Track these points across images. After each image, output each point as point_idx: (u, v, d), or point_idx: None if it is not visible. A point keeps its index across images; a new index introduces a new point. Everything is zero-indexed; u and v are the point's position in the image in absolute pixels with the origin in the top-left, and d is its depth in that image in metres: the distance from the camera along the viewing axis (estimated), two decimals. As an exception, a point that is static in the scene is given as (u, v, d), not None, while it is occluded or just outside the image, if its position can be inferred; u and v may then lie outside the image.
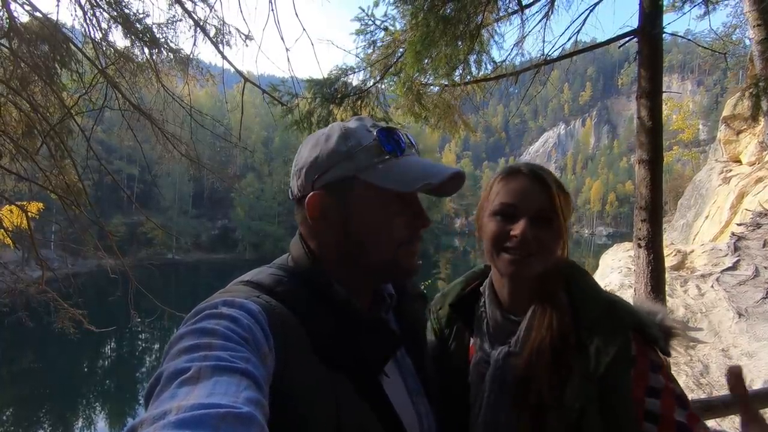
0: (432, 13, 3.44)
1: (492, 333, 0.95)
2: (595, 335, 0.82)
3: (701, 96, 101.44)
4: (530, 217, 0.87)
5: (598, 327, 0.83)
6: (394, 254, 0.75)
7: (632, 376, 0.79)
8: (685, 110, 32.51)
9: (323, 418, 0.62)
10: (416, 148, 0.81)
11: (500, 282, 0.96)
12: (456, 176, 0.75)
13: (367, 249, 0.74)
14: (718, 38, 6.23)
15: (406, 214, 0.75)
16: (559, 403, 0.80)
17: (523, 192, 0.89)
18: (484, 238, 0.94)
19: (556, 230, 0.89)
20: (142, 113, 4.26)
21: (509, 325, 0.92)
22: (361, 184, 0.73)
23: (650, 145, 3.32)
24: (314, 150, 0.77)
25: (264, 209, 44.88)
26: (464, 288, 1.06)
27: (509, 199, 0.89)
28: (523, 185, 0.90)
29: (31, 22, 3.71)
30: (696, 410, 0.81)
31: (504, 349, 0.90)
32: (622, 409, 0.78)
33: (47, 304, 4.42)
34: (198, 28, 3.99)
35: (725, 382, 0.80)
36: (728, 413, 1.94)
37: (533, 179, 0.90)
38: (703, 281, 7.61)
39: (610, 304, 0.86)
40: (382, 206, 0.74)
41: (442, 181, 0.73)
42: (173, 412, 0.41)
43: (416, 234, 0.77)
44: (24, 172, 4.02)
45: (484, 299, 0.99)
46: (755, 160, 11.94)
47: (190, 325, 0.56)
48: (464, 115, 5.03)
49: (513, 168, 0.94)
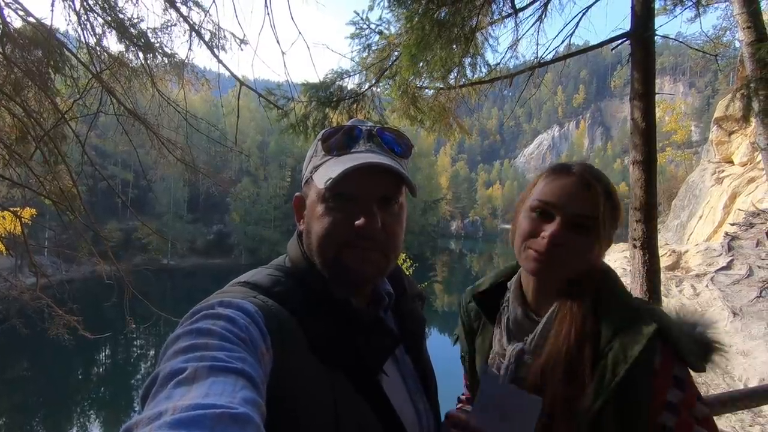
0: (427, 17, 3.46)
1: (511, 329, 0.94)
2: (616, 343, 0.78)
3: (693, 98, 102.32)
4: (566, 220, 0.83)
5: (620, 334, 0.78)
6: (335, 254, 0.72)
7: (653, 387, 0.75)
8: (678, 112, 32.78)
9: (321, 417, 0.62)
10: (382, 139, 0.76)
11: (527, 279, 0.94)
12: (363, 169, 0.69)
13: (312, 248, 0.75)
14: (709, 40, 6.29)
15: (344, 212, 0.71)
16: (571, 414, 0.78)
17: (567, 193, 0.84)
18: (516, 232, 0.91)
19: (592, 238, 0.83)
20: (137, 118, 4.24)
21: (529, 324, 0.91)
22: (310, 184, 0.77)
23: (644, 147, 3.35)
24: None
25: (260, 214, 44.70)
26: (494, 281, 1.04)
27: (549, 198, 0.85)
28: (568, 185, 0.85)
29: (25, 28, 3.70)
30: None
31: (519, 345, 0.89)
32: (638, 418, 0.75)
33: (42, 310, 4.39)
34: (193, 33, 3.99)
35: (721, 381, 0.80)
36: (724, 411, 1.95)
37: (581, 181, 0.84)
38: (697, 281, 7.66)
39: (636, 312, 0.81)
40: (317, 205, 0.74)
41: (344, 174, 0.67)
42: (169, 413, 0.41)
43: (357, 234, 0.70)
44: (18, 178, 4.00)
45: (509, 294, 0.97)
46: (747, 161, 12.05)
47: (187, 326, 0.56)
48: (459, 118, 5.05)
49: (563, 165, 0.89)
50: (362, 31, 4.30)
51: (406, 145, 0.79)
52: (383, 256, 0.74)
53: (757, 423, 4.39)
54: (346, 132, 0.76)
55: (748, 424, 4.38)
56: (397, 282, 0.90)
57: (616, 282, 0.89)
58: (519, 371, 0.87)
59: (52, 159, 3.91)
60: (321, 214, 0.72)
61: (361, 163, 0.69)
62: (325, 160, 0.75)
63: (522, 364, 0.87)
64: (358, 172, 0.68)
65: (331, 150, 0.75)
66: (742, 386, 5.01)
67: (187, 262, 40.52)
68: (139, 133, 4.50)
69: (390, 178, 0.73)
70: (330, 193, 0.71)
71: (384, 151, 0.76)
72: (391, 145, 0.77)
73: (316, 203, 0.74)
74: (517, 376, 0.87)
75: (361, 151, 0.74)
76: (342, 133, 0.75)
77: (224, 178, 12.67)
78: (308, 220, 0.76)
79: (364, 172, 0.69)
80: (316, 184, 0.73)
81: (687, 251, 9.40)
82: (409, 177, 0.75)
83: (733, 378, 5.31)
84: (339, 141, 0.75)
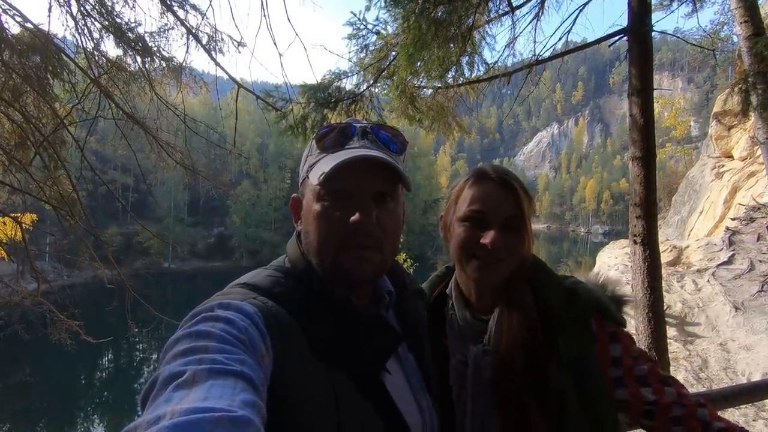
0: (424, 17, 3.46)
1: (463, 333, 0.96)
2: (563, 325, 0.86)
3: (692, 93, 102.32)
4: (499, 225, 0.88)
5: (563, 316, 0.86)
6: (334, 254, 0.72)
7: (596, 351, 0.85)
8: (677, 107, 32.69)
9: (323, 418, 0.62)
10: (377, 136, 0.76)
11: (467, 283, 0.97)
12: (358, 164, 0.68)
13: (310, 248, 0.75)
14: (707, 35, 6.30)
15: (339, 210, 0.71)
16: (538, 397, 0.82)
17: (493, 199, 0.90)
18: (452, 243, 0.95)
19: (522, 235, 0.90)
20: (135, 122, 4.24)
21: (479, 324, 0.94)
22: (306, 184, 0.77)
23: (643, 143, 3.34)
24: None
25: (260, 216, 44.73)
26: (431, 293, 1.07)
27: (479, 206, 0.90)
28: (492, 192, 0.91)
29: (22, 33, 3.69)
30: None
31: (479, 347, 0.91)
32: (594, 387, 0.83)
33: (43, 316, 4.38)
34: (190, 36, 3.99)
35: (724, 375, 0.82)
36: (728, 406, 1.95)
37: (502, 186, 0.90)
38: (699, 276, 7.65)
39: (570, 293, 0.90)
40: (313, 204, 0.74)
41: (337, 167, 0.67)
42: (168, 417, 0.41)
43: (353, 231, 0.70)
44: (18, 184, 4.00)
45: (452, 301, 0.99)
46: (747, 155, 12.03)
47: (187, 329, 0.56)
48: (458, 117, 5.05)
49: (481, 172, 0.94)
50: (359, 31, 4.30)
51: (401, 142, 0.79)
52: (380, 253, 0.73)
53: (761, 417, 4.39)
54: (341, 130, 0.76)
55: (752, 418, 4.38)
56: (397, 279, 0.90)
57: (544, 267, 0.97)
58: (485, 372, 0.89)
59: (52, 164, 3.91)
60: (317, 214, 0.72)
61: (355, 156, 0.68)
62: (320, 158, 0.75)
63: (486, 364, 0.89)
64: (352, 167, 0.68)
65: (326, 148, 0.75)
66: (745, 380, 5.00)
67: (188, 266, 40.54)
68: (138, 137, 4.50)
69: (385, 173, 0.72)
70: (325, 190, 0.71)
71: (379, 147, 0.76)
72: (386, 143, 0.77)
73: (312, 202, 0.74)
74: (484, 378, 0.89)
75: (356, 147, 0.74)
76: (336, 131, 0.75)
77: (224, 180, 12.65)
78: (305, 220, 0.76)
79: (358, 167, 0.69)
80: (311, 182, 0.74)
81: (688, 247, 9.40)
82: (405, 173, 0.74)
83: (736, 372, 5.31)
84: (333, 139, 0.75)
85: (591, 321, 0.86)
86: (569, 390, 0.82)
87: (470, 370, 0.91)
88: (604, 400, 0.84)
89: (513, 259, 0.90)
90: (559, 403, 0.81)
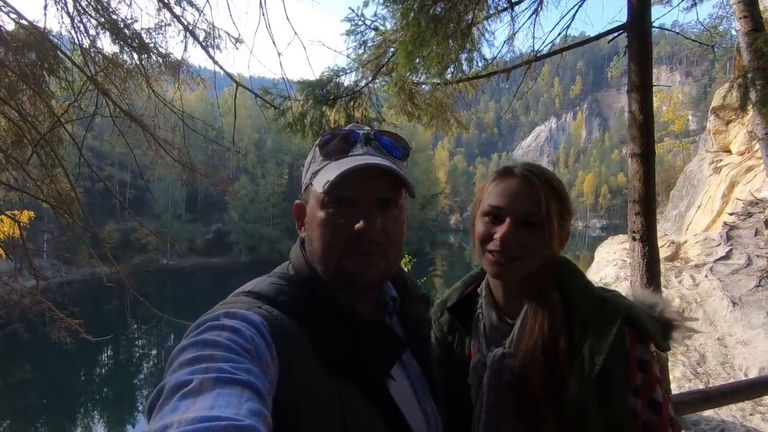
0: (423, 13, 3.44)
1: (488, 335, 0.95)
2: (589, 334, 0.81)
3: (690, 87, 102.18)
4: (515, 221, 0.86)
5: (591, 325, 0.82)
6: (338, 261, 0.72)
7: (626, 371, 0.79)
8: (675, 102, 32.65)
9: (329, 425, 0.62)
10: (380, 143, 0.77)
11: (495, 283, 0.96)
12: (362, 171, 0.69)
13: (315, 256, 0.75)
14: (706, 30, 6.28)
15: (344, 217, 0.72)
16: (555, 407, 0.80)
17: (511, 194, 0.88)
18: (474, 238, 0.94)
19: (543, 233, 0.86)
20: (133, 119, 4.22)
21: (505, 327, 0.92)
22: (310, 191, 0.77)
23: (642, 139, 3.34)
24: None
25: (258, 212, 44.66)
26: (462, 291, 1.05)
27: (496, 201, 0.89)
28: (512, 187, 0.89)
29: (18, 30, 3.66)
30: (694, 401, 0.83)
31: (499, 350, 0.90)
32: (619, 405, 0.78)
33: (42, 314, 4.38)
34: (187, 33, 3.96)
35: (722, 370, 0.81)
36: (725, 403, 1.96)
37: (523, 181, 0.88)
38: (697, 271, 7.68)
39: (601, 301, 0.85)
40: (317, 211, 0.74)
41: (342, 175, 0.68)
42: (175, 426, 0.41)
43: (358, 238, 0.70)
44: (15, 182, 3.98)
45: (481, 301, 0.98)
46: (745, 150, 12.04)
47: (192, 338, 0.56)
48: (456, 113, 5.04)
49: (507, 168, 0.93)
50: (358, 27, 4.27)
51: (404, 148, 0.80)
52: (385, 259, 0.74)
53: (757, 411, 4.43)
54: (344, 137, 0.76)
55: (749, 412, 4.42)
56: (400, 285, 0.90)
57: (574, 272, 0.93)
58: (503, 376, 0.88)
59: (49, 162, 3.90)
60: (321, 221, 0.72)
61: (360, 164, 0.69)
62: (323, 165, 0.75)
63: (505, 368, 0.88)
64: (356, 174, 0.68)
65: (329, 155, 0.75)
66: (743, 375, 5.04)
67: (187, 262, 40.50)
68: (135, 134, 4.47)
69: (389, 180, 0.73)
70: (329, 198, 0.71)
71: (382, 154, 0.76)
72: (389, 149, 0.77)
73: (316, 209, 0.74)
74: (501, 382, 0.88)
75: (359, 154, 0.74)
76: (339, 138, 0.76)
77: (222, 176, 12.60)
78: (309, 227, 0.76)
79: (362, 174, 0.69)
80: (315, 189, 0.73)
81: (686, 242, 9.42)
82: (408, 179, 0.74)
83: (734, 367, 5.34)
84: (337, 146, 0.75)
85: (625, 336, 0.80)
86: (591, 404, 0.78)
87: (487, 372, 0.90)
88: (628, 421, 0.79)
89: (530, 257, 0.87)
90: (578, 416, 0.78)
